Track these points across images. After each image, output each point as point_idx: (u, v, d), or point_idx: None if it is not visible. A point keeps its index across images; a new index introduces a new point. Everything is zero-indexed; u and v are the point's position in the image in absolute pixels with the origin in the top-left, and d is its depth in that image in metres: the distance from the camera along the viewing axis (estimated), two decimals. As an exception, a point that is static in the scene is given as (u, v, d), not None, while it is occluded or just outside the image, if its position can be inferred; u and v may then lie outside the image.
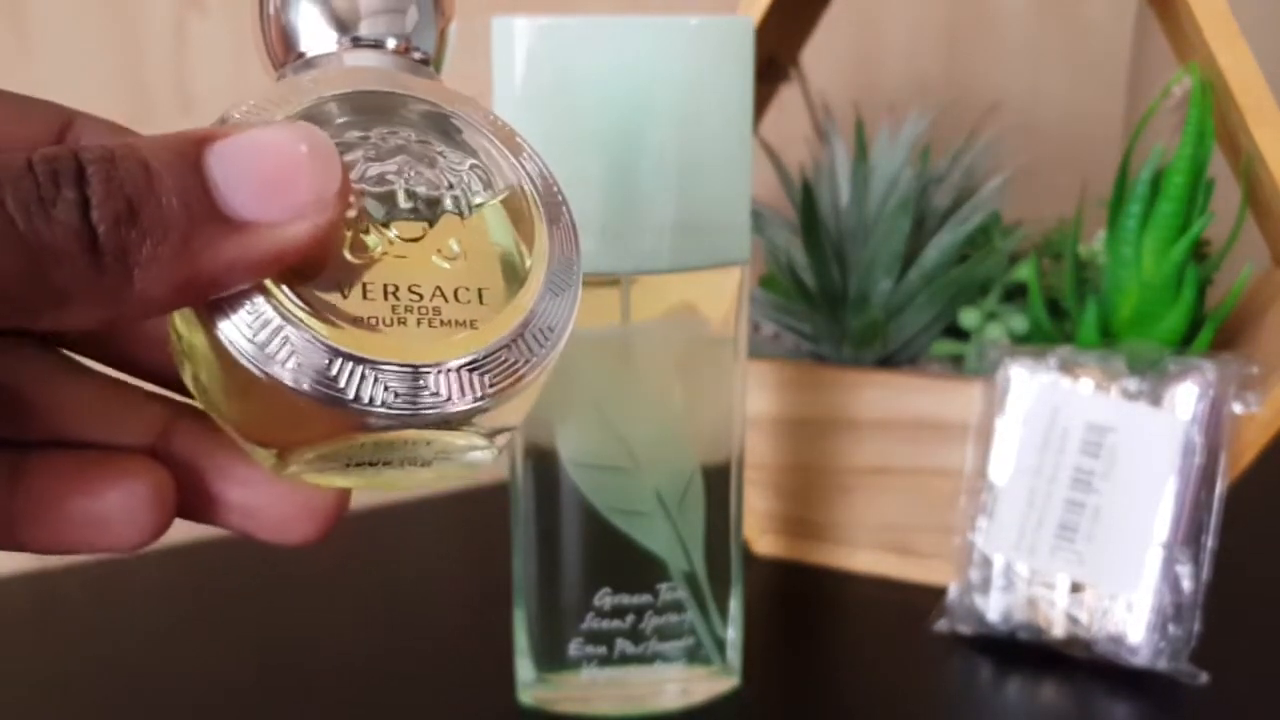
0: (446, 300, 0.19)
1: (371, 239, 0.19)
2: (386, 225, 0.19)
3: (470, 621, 0.46)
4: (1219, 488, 0.41)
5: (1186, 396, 0.40)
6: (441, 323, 0.19)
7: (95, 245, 0.15)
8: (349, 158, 0.19)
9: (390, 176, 0.20)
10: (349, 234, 0.19)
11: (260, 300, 0.18)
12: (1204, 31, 0.41)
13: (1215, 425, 0.41)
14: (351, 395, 0.18)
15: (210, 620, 0.46)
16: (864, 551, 0.50)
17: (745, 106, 0.36)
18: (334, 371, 0.18)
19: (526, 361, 0.20)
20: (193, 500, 0.21)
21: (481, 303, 0.20)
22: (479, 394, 0.19)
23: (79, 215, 0.15)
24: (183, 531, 0.55)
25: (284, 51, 0.22)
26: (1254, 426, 0.42)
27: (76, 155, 0.15)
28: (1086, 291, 0.48)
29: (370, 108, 0.20)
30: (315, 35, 0.22)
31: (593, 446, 0.37)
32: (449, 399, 0.19)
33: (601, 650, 0.38)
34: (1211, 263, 0.47)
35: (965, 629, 0.44)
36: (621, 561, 0.38)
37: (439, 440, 0.19)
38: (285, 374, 0.18)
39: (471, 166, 0.21)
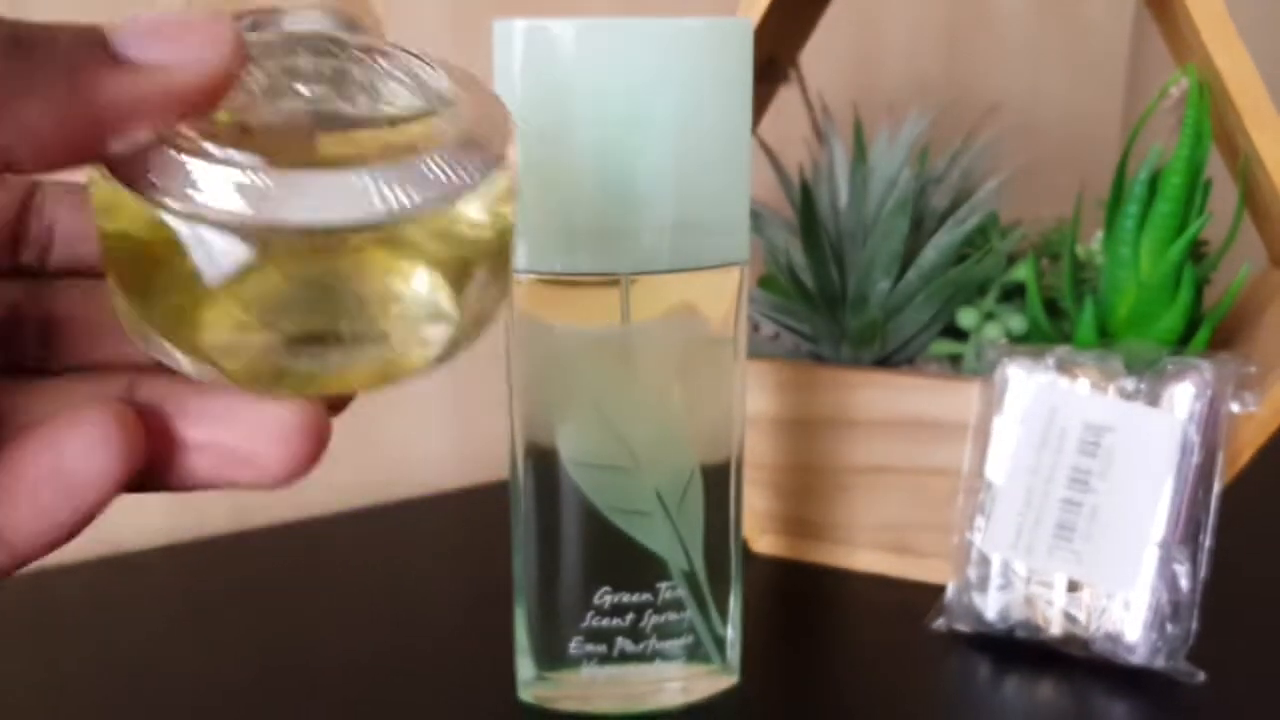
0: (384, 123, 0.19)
1: (281, 100, 0.19)
2: (300, 85, 0.19)
3: (471, 620, 0.46)
4: (1216, 487, 0.41)
5: (1184, 396, 0.40)
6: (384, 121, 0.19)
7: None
8: (258, 62, 0.19)
9: (302, 65, 0.19)
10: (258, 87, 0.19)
11: (168, 150, 0.18)
12: (1202, 33, 0.41)
13: (1213, 425, 0.41)
14: (285, 217, 0.17)
15: (210, 619, 0.47)
16: (863, 550, 0.50)
17: (744, 107, 0.36)
18: (256, 185, 0.17)
19: (483, 167, 0.20)
20: (164, 453, 0.21)
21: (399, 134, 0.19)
22: (445, 182, 0.18)
23: None
24: (182, 530, 0.55)
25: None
26: (1251, 426, 0.43)
27: None
28: (1084, 291, 0.48)
29: (280, 26, 0.20)
30: None
31: (593, 446, 0.37)
32: (404, 199, 0.18)
33: (601, 648, 0.39)
34: (1209, 263, 0.48)
35: (963, 627, 0.44)
36: (621, 560, 0.38)
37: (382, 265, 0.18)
38: (205, 200, 0.17)
39: (412, 63, 0.21)
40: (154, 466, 0.20)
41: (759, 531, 0.52)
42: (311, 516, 0.56)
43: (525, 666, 0.40)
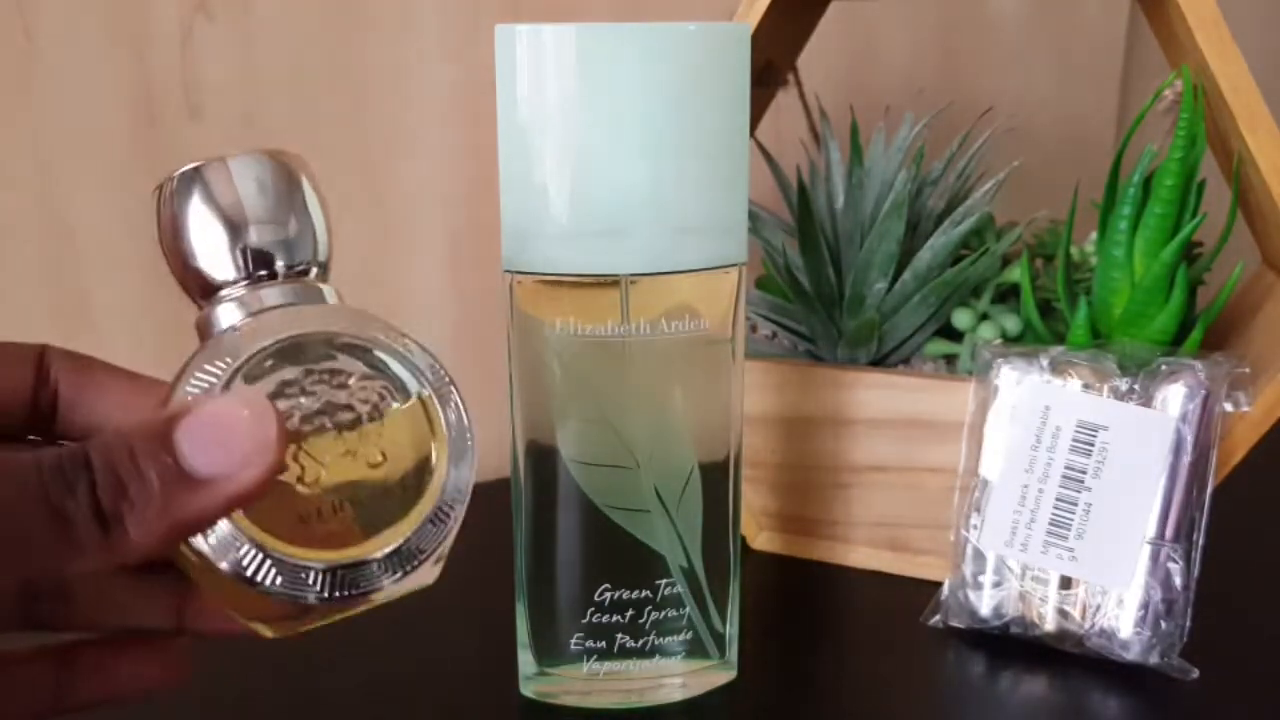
0: (380, 497, 0.25)
1: (311, 468, 0.24)
2: (322, 454, 0.25)
3: (472, 616, 0.47)
4: (1209, 486, 0.41)
5: (1177, 396, 0.41)
6: (379, 520, 0.25)
7: (101, 513, 0.21)
8: (282, 405, 0.24)
9: (319, 415, 0.25)
10: (298, 470, 0.24)
11: (231, 528, 0.23)
12: (1196, 35, 0.42)
13: (1206, 424, 0.41)
14: (328, 595, 0.24)
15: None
16: (859, 548, 0.50)
17: (742, 111, 0.36)
18: (310, 581, 0.24)
19: (445, 523, 0.26)
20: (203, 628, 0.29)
21: (404, 489, 0.26)
22: (412, 564, 0.25)
23: (88, 492, 0.21)
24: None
25: (190, 281, 0.26)
26: (1244, 425, 0.43)
27: (86, 451, 0.21)
28: (1078, 292, 0.48)
29: (295, 351, 0.25)
30: (218, 267, 0.26)
31: (592, 445, 0.38)
32: (399, 575, 0.25)
33: (601, 644, 0.39)
34: (1202, 264, 0.48)
35: (958, 624, 0.44)
36: (621, 558, 0.38)
37: (397, 591, 0.26)
38: (272, 589, 0.24)
39: (382, 386, 0.26)
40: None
41: (757, 529, 0.52)
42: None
43: (526, 662, 0.40)
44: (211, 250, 0.26)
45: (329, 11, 0.55)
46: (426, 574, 0.26)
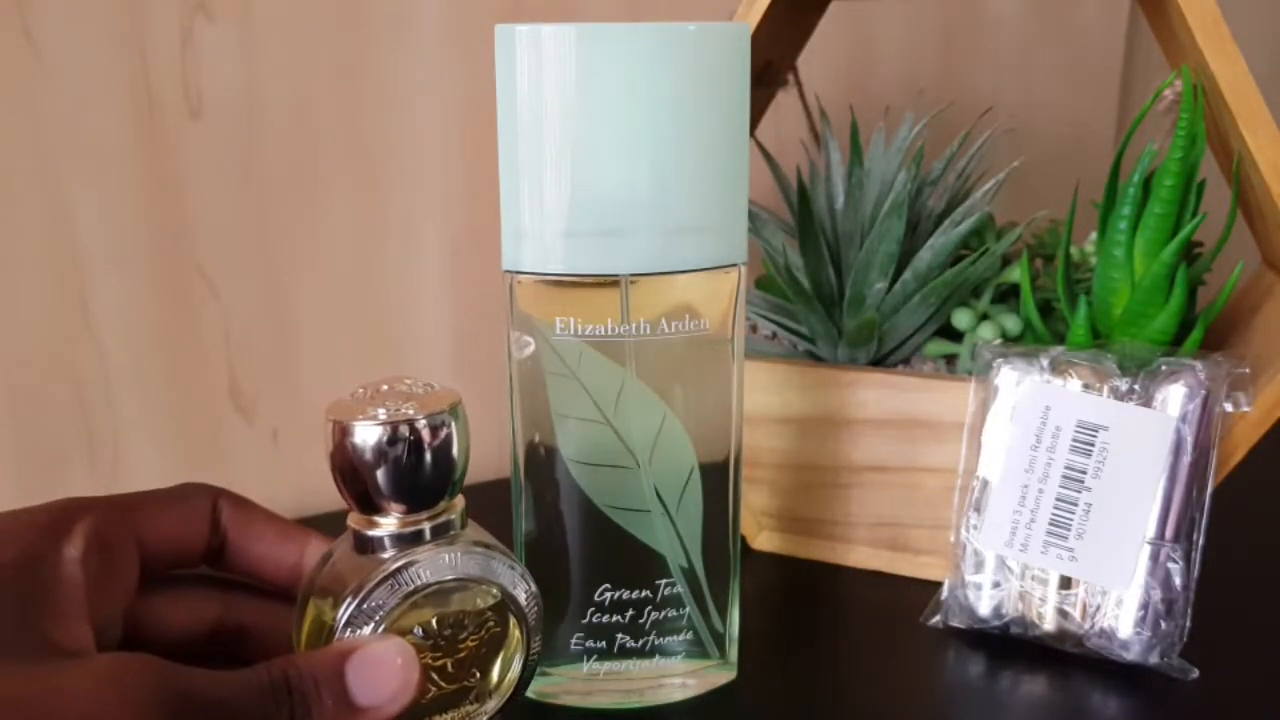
0: (474, 696, 0.33)
1: (432, 687, 0.32)
2: (441, 682, 0.33)
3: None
4: (1209, 486, 0.41)
5: (1177, 396, 0.41)
6: (471, 714, 0.34)
7: None
8: (423, 658, 0.31)
9: (442, 654, 0.32)
10: (420, 689, 0.31)
11: None
12: (1196, 35, 0.42)
13: (1206, 424, 0.41)
14: None
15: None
16: (859, 547, 0.50)
17: (742, 111, 0.36)
18: None
19: (509, 703, 0.34)
20: None
21: (492, 689, 0.34)
22: None
23: (289, 712, 0.27)
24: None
25: (357, 504, 0.32)
26: (1244, 426, 0.43)
27: (287, 679, 0.28)
28: (1078, 292, 0.48)
29: (429, 595, 0.31)
30: (380, 502, 0.31)
31: (592, 445, 0.38)
32: None
33: (602, 644, 0.39)
34: (1202, 264, 0.48)
35: (958, 623, 0.44)
36: (621, 558, 0.38)
37: None
38: None
39: (488, 617, 0.33)
40: None
41: (757, 529, 0.52)
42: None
43: (526, 662, 0.40)
44: (381, 486, 0.31)
45: (329, 11, 0.55)
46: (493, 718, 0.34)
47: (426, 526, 0.32)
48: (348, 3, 0.55)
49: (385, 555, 0.32)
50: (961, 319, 0.51)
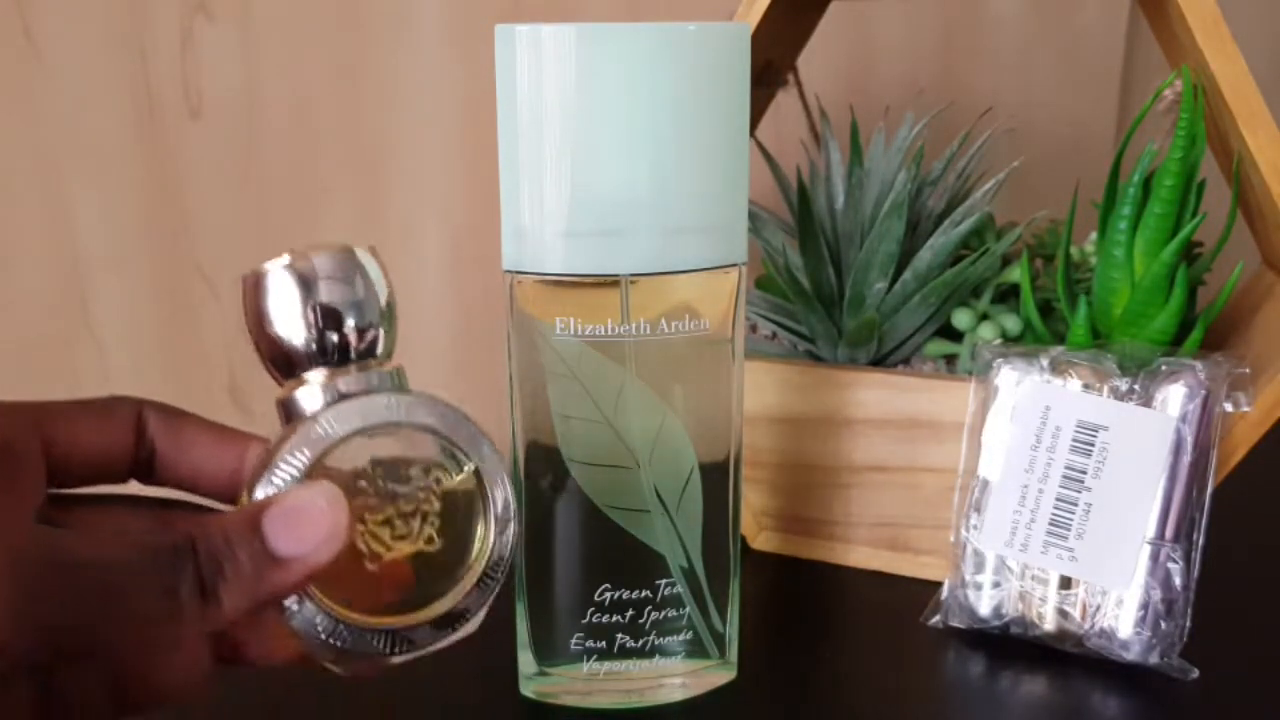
0: (435, 570, 0.30)
1: (378, 549, 0.29)
2: (388, 541, 0.29)
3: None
4: (1209, 486, 0.41)
5: (1177, 396, 0.41)
6: (434, 591, 0.30)
7: (203, 589, 0.26)
8: (351, 496, 0.28)
9: (383, 502, 0.29)
10: (364, 548, 0.29)
11: (311, 605, 0.28)
12: (1196, 35, 0.42)
13: (1206, 424, 0.41)
14: (389, 651, 0.29)
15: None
16: (859, 547, 0.50)
17: (742, 111, 0.36)
18: (374, 642, 0.29)
19: (492, 588, 0.31)
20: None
21: (458, 563, 0.30)
22: (460, 622, 0.30)
23: (194, 573, 0.26)
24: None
25: (275, 364, 0.30)
26: (1244, 426, 0.43)
27: (192, 539, 0.26)
28: (1078, 292, 0.48)
29: (360, 440, 0.29)
30: (299, 357, 0.30)
31: (593, 445, 0.38)
32: (452, 632, 0.30)
33: (602, 644, 0.39)
34: (1202, 264, 0.48)
35: (958, 624, 0.44)
36: (621, 558, 0.38)
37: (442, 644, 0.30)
38: (343, 646, 0.29)
39: (437, 474, 0.30)
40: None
41: (757, 529, 0.52)
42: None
43: (526, 662, 0.40)
44: (294, 338, 0.29)
45: (329, 12, 0.55)
46: (472, 626, 0.31)
47: (346, 380, 0.30)
48: (348, 3, 0.55)
49: (304, 412, 0.30)
50: (961, 319, 0.51)
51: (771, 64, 0.54)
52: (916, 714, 0.41)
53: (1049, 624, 0.42)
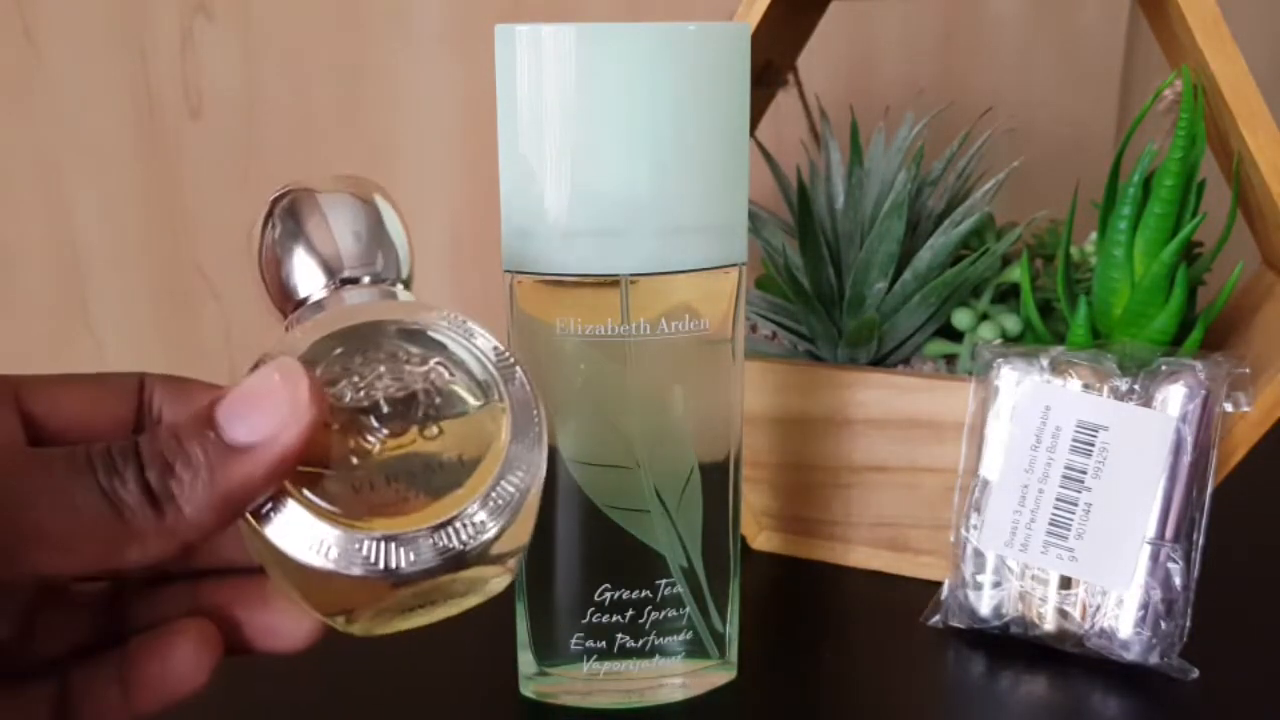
0: (437, 470, 0.25)
1: (367, 442, 0.25)
2: (378, 429, 0.25)
3: (472, 615, 0.46)
4: (1209, 486, 0.41)
5: (1177, 396, 0.41)
6: (436, 489, 0.25)
7: (151, 493, 0.22)
8: (339, 386, 0.25)
9: (374, 391, 0.26)
10: (350, 443, 0.25)
11: (292, 505, 0.24)
12: (1196, 35, 0.42)
13: (1206, 424, 0.41)
14: (383, 567, 0.24)
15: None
16: (859, 548, 0.50)
17: (742, 111, 0.36)
18: (364, 552, 0.24)
19: (509, 499, 0.26)
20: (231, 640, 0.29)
21: (463, 463, 0.26)
22: (477, 536, 0.25)
23: (137, 474, 0.22)
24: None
25: (283, 300, 0.29)
26: (1244, 426, 0.43)
27: (134, 439, 0.23)
28: (1078, 292, 0.48)
29: (354, 336, 0.26)
30: (307, 282, 0.28)
31: (593, 445, 0.38)
32: (458, 546, 0.25)
33: (602, 644, 0.39)
34: (1202, 264, 0.48)
35: (958, 624, 0.44)
36: (621, 558, 0.38)
37: (464, 577, 0.25)
38: (327, 562, 0.24)
39: (437, 362, 0.27)
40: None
41: (757, 529, 0.52)
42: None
43: (526, 662, 0.40)
44: (304, 269, 0.28)
45: (328, 11, 0.55)
46: (497, 583, 0.27)
47: (353, 291, 0.28)
48: (348, 3, 0.55)
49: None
50: (961, 319, 0.51)
51: (771, 64, 0.54)
52: (916, 714, 0.41)
53: (1049, 624, 0.42)
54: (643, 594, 0.39)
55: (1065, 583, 0.42)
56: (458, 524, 0.25)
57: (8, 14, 0.49)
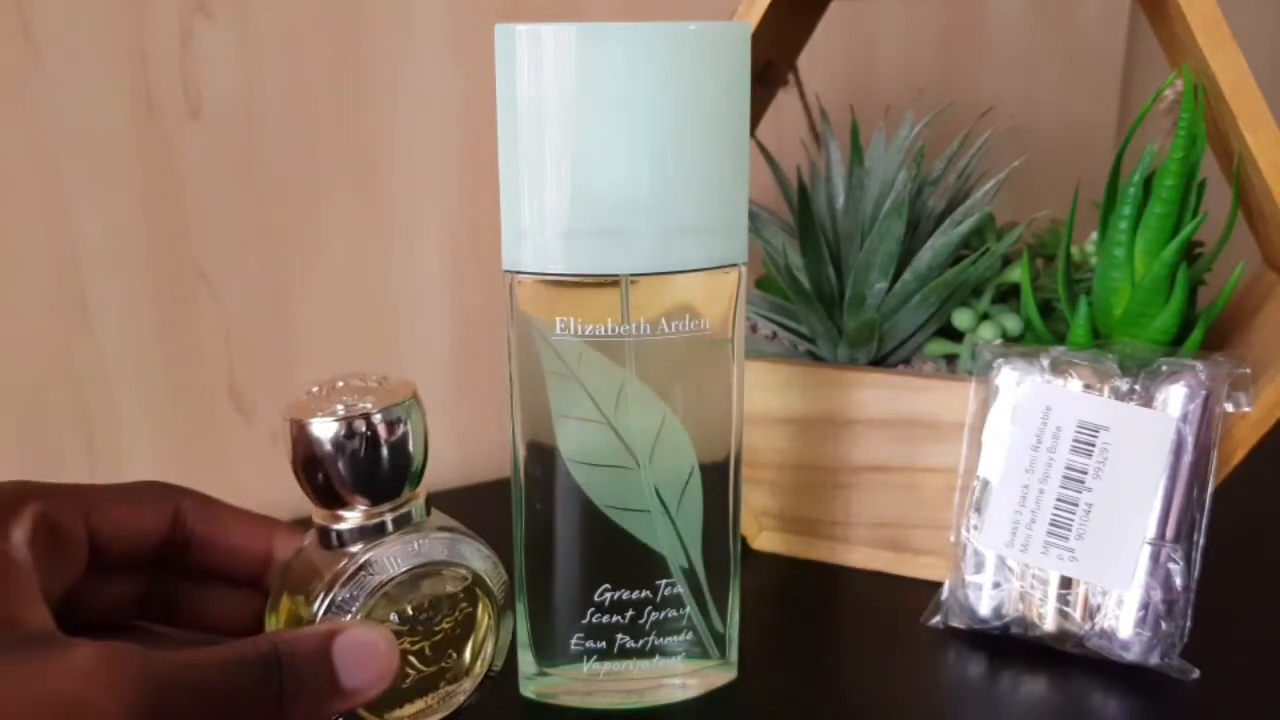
0: (449, 678, 0.36)
1: (409, 671, 0.34)
2: (419, 664, 0.35)
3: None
4: (1210, 486, 0.41)
5: (1178, 396, 0.41)
6: (448, 697, 0.36)
7: (280, 700, 0.28)
8: (401, 641, 0.34)
9: (418, 638, 0.34)
10: (400, 672, 0.33)
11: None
12: (1196, 35, 0.42)
13: (1206, 424, 0.41)
14: None
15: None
16: (859, 548, 0.50)
17: (742, 110, 0.36)
18: None
19: (485, 684, 0.37)
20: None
21: (465, 673, 0.36)
22: (464, 704, 0.36)
23: (277, 689, 0.28)
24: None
25: (320, 502, 0.33)
26: (1245, 426, 0.43)
27: (279, 656, 0.29)
28: (1078, 292, 0.48)
29: (403, 583, 0.33)
30: (343, 498, 0.33)
31: (593, 445, 0.38)
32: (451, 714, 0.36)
33: (602, 645, 0.39)
34: (1203, 264, 0.48)
35: (958, 624, 0.44)
36: (621, 558, 0.38)
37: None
38: None
39: (462, 613, 0.35)
40: None
41: (757, 529, 0.52)
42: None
43: (527, 662, 0.40)
44: (340, 484, 0.32)
45: (328, 11, 0.55)
46: (471, 699, 0.36)
47: (389, 518, 0.33)
48: (348, 3, 0.55)
49: (352, 550, 0.33)
50: (962, 319, 0.51)
51: (772, 64, 0.54)
52: (917, 714, 0.41)
53: (1049, 624, 0.42)
54: (643, 594, 0.39)
55: (1065, 583, 0.42)
56: (462, 706, 0.36)
57: (6, 12, 0.49)
